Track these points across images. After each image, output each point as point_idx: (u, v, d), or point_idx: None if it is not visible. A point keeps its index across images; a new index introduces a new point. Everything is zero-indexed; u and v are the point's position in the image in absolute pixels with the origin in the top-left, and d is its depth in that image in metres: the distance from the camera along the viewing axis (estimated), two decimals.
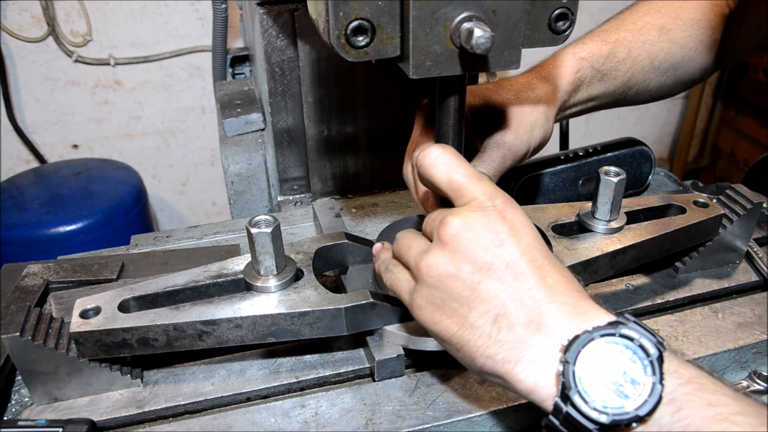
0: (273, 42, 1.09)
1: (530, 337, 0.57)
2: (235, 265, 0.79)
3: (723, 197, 0.96)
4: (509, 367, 0.57)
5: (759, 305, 0.91)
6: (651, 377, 0.52)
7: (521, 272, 0.59)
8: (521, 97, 0.85)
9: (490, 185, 0.63)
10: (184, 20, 2.55)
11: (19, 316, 0.71)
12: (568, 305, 0.58)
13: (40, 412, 0.74)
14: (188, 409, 0.76)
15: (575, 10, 0.64)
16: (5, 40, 2.41)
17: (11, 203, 2.21)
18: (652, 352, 0.52)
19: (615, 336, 0.53)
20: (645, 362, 0.52)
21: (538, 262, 0.60)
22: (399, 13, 0.59)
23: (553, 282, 0.59)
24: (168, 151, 2.82)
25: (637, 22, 1.04)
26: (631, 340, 0.53)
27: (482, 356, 0.59)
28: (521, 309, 0.58)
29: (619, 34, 1.02)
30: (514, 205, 0.63)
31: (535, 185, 1.10)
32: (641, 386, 0.52)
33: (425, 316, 0.63)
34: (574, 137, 1.58)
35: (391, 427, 0.72)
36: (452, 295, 0.61)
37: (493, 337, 0.59)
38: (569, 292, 0.59)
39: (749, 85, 3.13)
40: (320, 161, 1.20)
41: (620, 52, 1.00)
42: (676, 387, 0.52)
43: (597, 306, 0.58)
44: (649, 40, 1.03)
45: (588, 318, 0.57)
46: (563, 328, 0.56)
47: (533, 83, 0.88)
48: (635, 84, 1.04)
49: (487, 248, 0.59)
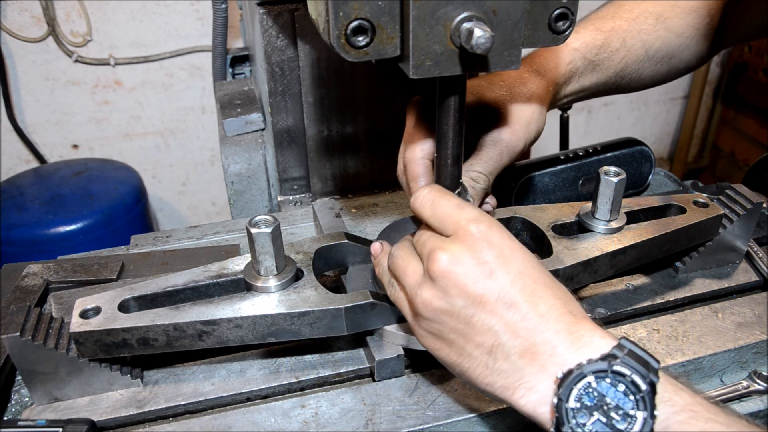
0: (273, 42, 1.09)
1: (526, 366, 0.58)
2: (235, 265, 0.79)
3: (723, 197, 0.95)
4: (508, 393, 0.59)
5: (759, 305, 0.91)
6: (642, 412, 0.53)
7: (513, 302, 0.59)
8: (515, 93, 0.84)
9: (473, 210, 0.64)
10: (184, 20, 2.55)
11: (19, 316, 0.71)
12: (562, 332, 0.58)
13: (40, 412, 0.74)
14: (188, 409, 0.76)
15: (575, 10, 0.64)
16: (5, 40, 2.41)
17: (11, 203, 2.21)
18: (643, 388, 0.53)
19: (607, 372, 0.55)
20: (637, 397, 0.53)
21: (529, 288, 0.60)
22: (399, 13, 0.59)
23: (546, 309, 0.59)
24: (168, 151, 2.82)
25: (634, 10, 1.02)
26: (622, 376, 0.54)
27: (482, 383, 0.62)
28: (515, 339, 0.59)
29: (614, 22, 1.00)
30: (500, 228, 0.63)
31: (535, 185, 1.10)
32: (633, 420, 0.53)
33: (427, 343, 0.67)
34: (574, 137, 1.58)
35: (391, 427, 0.72)
36: (449, 328, 0.62)
37: (490, 366, 0.60)
38: (562, 317, 0.59)
39: (749, 85, 3.13)
40: (320, 161, 1.19)
41: (614, 41, 0.99)
42: (669, 415, 0.53)
43: (592, 327, 0.59)
44: (645, 29, 1.01)
45: (582, 344, 0.57)
46: (558, 355, 0.57)
47: (525, 77, 0.87)
48: (628, 73, 1.03)
49: (477, 281, 0.60)
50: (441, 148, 0.73)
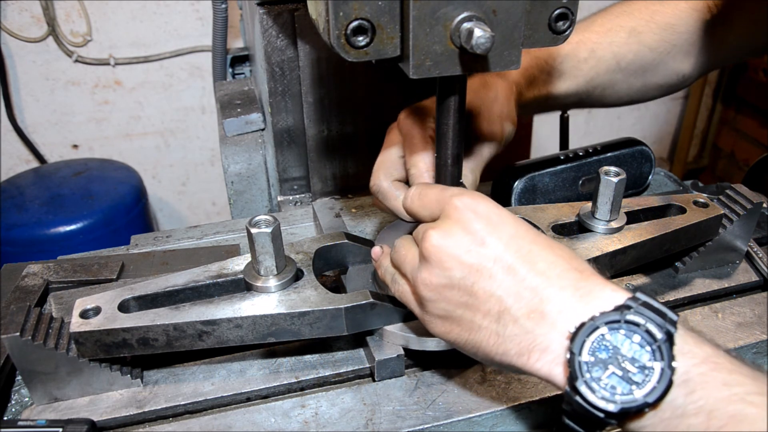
0: (273, 42, 1.09)
1: (535, 327, 0.57)
2: (235, 265, 0.79)
3: (723, 197, 0.95)
4: (524, 360, 0.58)
5: (759, 305, 0.91)
6: (660, 362, 0.51)
7: (510, 265, 0.59)
8: (482, 95, 0.87)
9: (456, 189, 0.65)
10: (184, 20, 2.55)
11: (19, 316, 0.71)
12: (568, 288, 0.57)
13: (40, 412, 0.74)
14: (188, 409, 0.76)
15: (575, 10, 0.64)
16: (5, 40, 2.41)
17: (11, 203, 2.21)
18: (659, 336, 0.51)
19: (620, 323, 0.52)
20: (653, 347, 0.51)
21: (525, 249, 0.60)
22: (399, 13, 0.59)
23: (546, 267, 0.59)
24: (168, 151, 2.82)
25: (605, 24, 1.06)
26: (637, 325, 0.52)
27: (497, 354, 0.60)
28: (520, 301, 0.58)
29: (583, 35, 1.04)
30: (485, 199, 0.64)
31: (535, 185, 1.10)
32: (650, 372, 0.51)
33: (437, 329, 0.65)
34: (574, 137, 1.58)
35: (391, 427, 0.72)
36: (454, 303, 0.62)
37: (501, 334, 0.59)
38: (566, 273, 0.58)
39: (749, 85, 3.13)
40: (320, 161, 1.19)
41: (582, 52, 1.02)
42: (690, 367, 0.51)
43: (602, 281, 0.58)
44: (617, 42, 1.04)
45: (592, 298, 0.56)
46: (567, 312, 0.56)
47: (488, 80, 0.90)
48: (600, 83, 1.05)
49: (470, 250, 0.60)
50: (441, 148, 0.73)
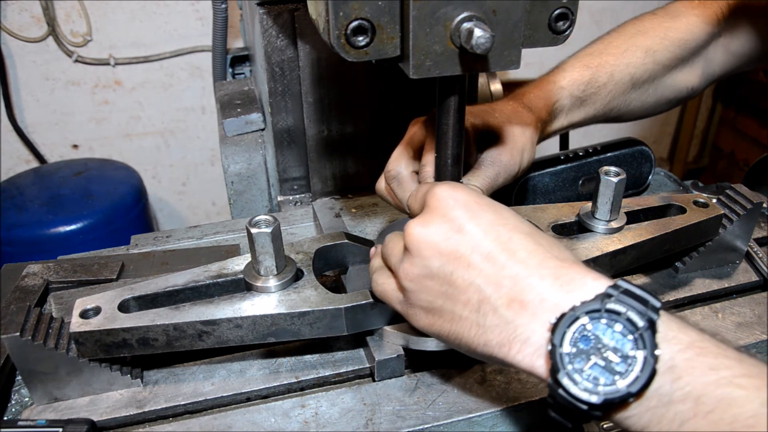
0: (273, 42, 1.09)
1: (516, 317, 0.56)
2: (235, 265, 0.79)
3: (723, 197, 0.95)
4: (506, 351, 0.56)
5: (759, 305, 0.91)
6: (642, 351, 0.49)
7: (488, 253, 0.58)
8: (513, 122, 0.89)
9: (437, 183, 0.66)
10: (184, 20, 2.55)
11: (19, 316, 0.71)
12: (548, 277, 0.56)
13: (40, 412, 0.74)
14: (188, 409, 0.76)
15: (575, 10, 0.64)
16: (5, 40, 2.41)
17: (11, 203, 2.21)
18: (640, 324, 0.50)
19: (601, 312, 0.51)
20: (635, 336, 0.50)
21: (504, 237, 0.59)
22: (399, 13, 0.59)
23: (526, 255, 0.58)
24: (168, 151, 2.82)
25: (621, 45, 1.06)
26: (618, 314, 0.51)
27: (479, 345, 0.59)
28: (500, 290, 0.57)
29: (602, 58, 1.04)
30: (466, 188, 0.63)
31: (535, 185, 1.10)
32: (633, 361, 0.50)
33: (420, 322, 0.64)
34: (574, 137, 1.58)
35: (391, 427, 0.72)
36: (435, 294, 0.61)
37: (482, 324, 0.58)
38: (547, 261, 0.57)
39: (749, 86, 3.13)
40: (320, 161, 1.20)
41: (602, 76, 1.03)
42: (675, 354, 0.50)
43: (583, 270, 0.56)
44: (633, 63, 1.05)
45: (573, 287, 0.54)
46: (547, 301, 0.55)
47: (519, 110, 0.92)
48: (616, 106, 1.06)
49: (448, 238, 0.59)
50: (441, 148, 0.73)
